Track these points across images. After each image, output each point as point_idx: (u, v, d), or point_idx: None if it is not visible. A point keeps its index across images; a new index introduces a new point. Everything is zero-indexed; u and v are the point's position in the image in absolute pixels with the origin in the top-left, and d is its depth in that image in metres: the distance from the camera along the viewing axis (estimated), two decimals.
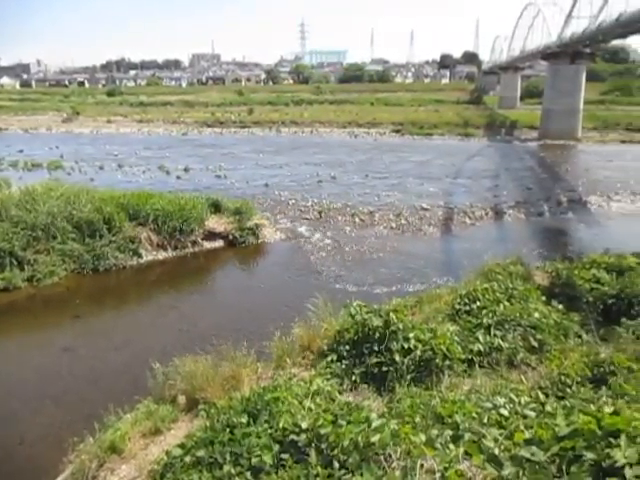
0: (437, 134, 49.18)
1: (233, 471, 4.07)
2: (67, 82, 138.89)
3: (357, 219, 20.49)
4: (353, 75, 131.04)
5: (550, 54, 47.21)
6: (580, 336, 8.16)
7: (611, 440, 2.51)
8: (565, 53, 44.80)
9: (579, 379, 6.02)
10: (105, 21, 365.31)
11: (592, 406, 3.64)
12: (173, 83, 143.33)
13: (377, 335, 7.19)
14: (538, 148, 42.55)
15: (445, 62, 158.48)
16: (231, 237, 17.32)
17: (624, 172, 30.35)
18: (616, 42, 67.93)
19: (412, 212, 21.33)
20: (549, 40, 51.23)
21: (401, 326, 7.22)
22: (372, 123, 54.73)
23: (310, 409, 4.57)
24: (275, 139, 47.90)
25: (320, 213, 21.06)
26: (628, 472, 2.26)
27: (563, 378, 6.07)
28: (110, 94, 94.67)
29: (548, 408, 3.85)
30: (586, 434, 2.61)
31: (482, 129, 50.89)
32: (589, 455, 2.45)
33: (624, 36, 41.06)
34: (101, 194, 17.08)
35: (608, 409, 3.11)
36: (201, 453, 4.46)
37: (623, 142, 44.34)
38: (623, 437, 2.46)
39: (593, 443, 2.53)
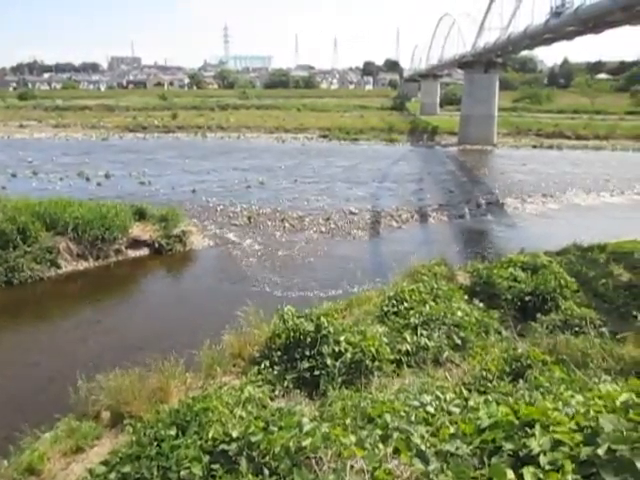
0: (363, 139, 50.15)
1: None
2: None
3: (287, 224, 20.51)
4: (279, 80, 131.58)
5: (465, 63, 49.47)
6: (500, 332, 8.59)
7: (527, 430, 2.66)
8: (479, 62, 47.08)
9: (499, 374, 6.34)
10: (14, 20, 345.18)
11: (510, 399, 3.84)
12: (91, 87, 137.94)
13: (308, 339, 7.24)
14: (458, 153, 44.39)
15: (368, 69, 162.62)
16: (157, 245, 16.82)
17: (536, 175, 32.26)
18: (525, 53, 72.38)
19: (341, 216, 21.62)
20: (464, 50, 53.66)
21: (332, 329, 7.31)
22: (299, 128, 54.97)
23: (241, 417, 4.53)
24: (201, 144, 47.03)
25: (249, 219, 20.90)
26: (542, 459, 2.40)
27: (485, 373, 6.36)
28: (22, 98, 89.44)
29: (471, 403, 4.01)
30: (505, 426, 2.75)
31: (406, 134, 52.40)
32: (508, 445, 2.58)
33: (531, 47, 43.70)
34: (14, 203, 16.08)
35: (524, 401, 3.29)
36: (127, 469, 4.30)
37: (534, 147, 47.11)
38: (538, 426, 2.61)
39: (511, 434, 2.67)
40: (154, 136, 52.33)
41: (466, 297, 9.84)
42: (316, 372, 6.83)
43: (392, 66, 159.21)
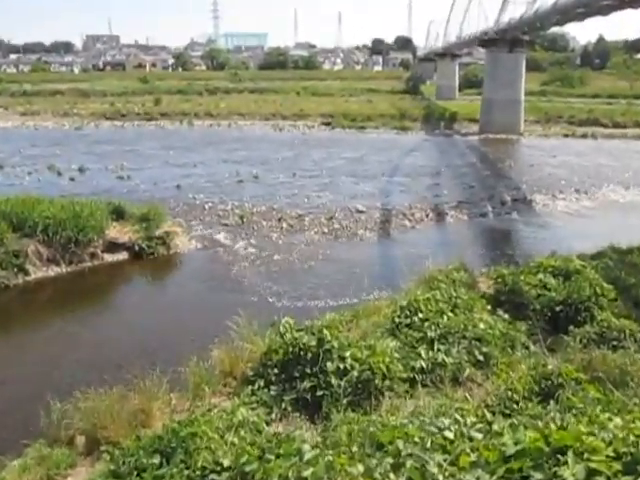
0: (371, 127, 50.15)
1: None
2: None
3: (284, 224, 20.53)
4: (276, 61, 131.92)
5: (488, 40, 49.31)
6: (527, 347, 8.57)
7: (559, 457, 2.66)
8: (503, 40, 46.94)
9: (527, 394, 6.32)
10: None
11: (540, 422, 3.84)
12: (64, 69, 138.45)
13: (309, 355, 7.23)
14: (479, 142, 44.40)
15: (377, 48, 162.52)
16: (137, 248, 16.83)
17: (568, 168, 32.23)
18: (555, 29, 72.22)
19: (346, 215, 21.63)
20: (486, 25, 53.59)
21: (336, 344, 7.31)
22: (299, 115, 55.03)
23: (233, 444, 4.54)
24: (187, 133, 47.17)
25: (242, 218, 20.93)
26: None
27: (510, 394, 6.35)
28: None
29: (495, 427, 4.01)
30: (533, 453, 2.75)
31: (420, 122, 52.36)
32: (537, 475, 2.58)
33: (562, 23, 43.60)
34: None
35: (556, 424, 3.29)
36: None
37: (566, 136, 47.01)
38: (570, 453, 2.61)
39: (540, 462, 2.67)
40: (134, 124, 52.47)
41: (489, 307, 9.82)
42: (318, 392, 6.83)
43: (404, 44, 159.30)
